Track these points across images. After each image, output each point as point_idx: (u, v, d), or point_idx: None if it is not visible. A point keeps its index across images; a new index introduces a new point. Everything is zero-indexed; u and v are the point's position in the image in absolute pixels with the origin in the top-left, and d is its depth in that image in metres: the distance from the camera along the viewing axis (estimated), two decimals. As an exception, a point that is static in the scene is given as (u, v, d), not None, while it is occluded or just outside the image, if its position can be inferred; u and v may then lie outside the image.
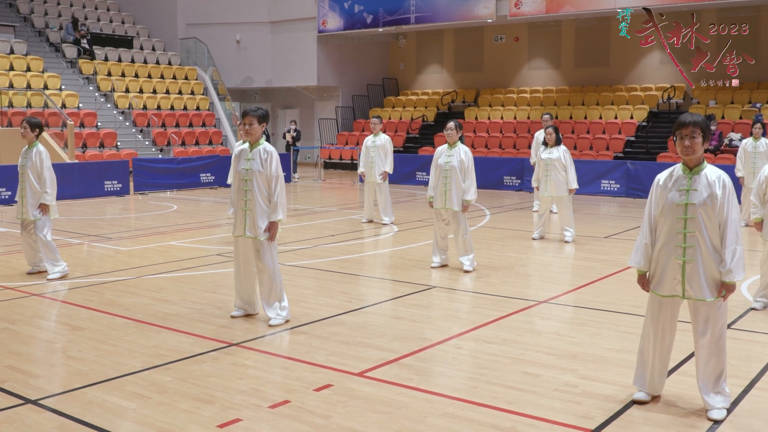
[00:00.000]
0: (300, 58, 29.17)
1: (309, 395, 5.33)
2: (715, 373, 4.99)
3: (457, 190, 9.53)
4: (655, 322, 5.12)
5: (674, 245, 4.97)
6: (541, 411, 5.05)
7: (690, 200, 4.91)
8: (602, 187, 19.56)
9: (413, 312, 7.71)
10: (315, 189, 22.14)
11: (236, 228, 7.20)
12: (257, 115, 7.04)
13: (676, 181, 5.00)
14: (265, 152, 7.03)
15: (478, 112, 27.14)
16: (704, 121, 4.91)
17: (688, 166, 4.98)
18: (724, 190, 4.86)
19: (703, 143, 4.91)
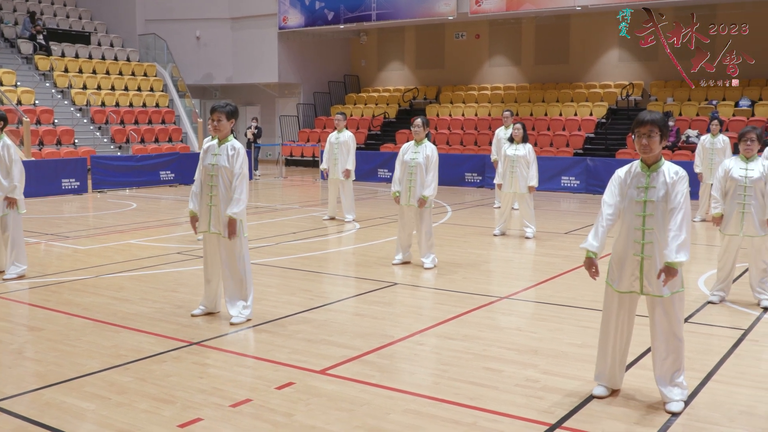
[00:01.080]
0: (261, 55, 29.00)
1: (271, 393, 5.31)
2: (673, 367, 5.06)
3: (422, 187, 9.55)
4: (613, 317, 5.18)
5: (633, 241, 5.03)
6: (503, 406, 5.08)
7: (648, 197, 4.96)
8: (562, 183, 19.74)
9: (375, 309, 7.71)
10: (276, 186, 22.04)
11: (201, 224, 7.15)
12: (225, 111, 6.99)
13: (635, 177, 5.06)
14: (232, 149, 6.98)
15: (439, 109, 27.22)
16: (662, 119, 4.97)
17: (646, 163, 5.03)
18: (681, 181, 4.91)
19: (661, 141, 4.96)
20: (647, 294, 5.03)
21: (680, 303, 5.06)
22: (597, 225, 5.13)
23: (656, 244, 4.96)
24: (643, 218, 4.98)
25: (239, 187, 6.90)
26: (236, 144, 7.03)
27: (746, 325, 7.13)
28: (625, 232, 5.07)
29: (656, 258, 4.96)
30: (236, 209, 6.87)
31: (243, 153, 7.01)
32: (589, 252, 5.11)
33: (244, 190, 6.93)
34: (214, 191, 7.00)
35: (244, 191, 6.93)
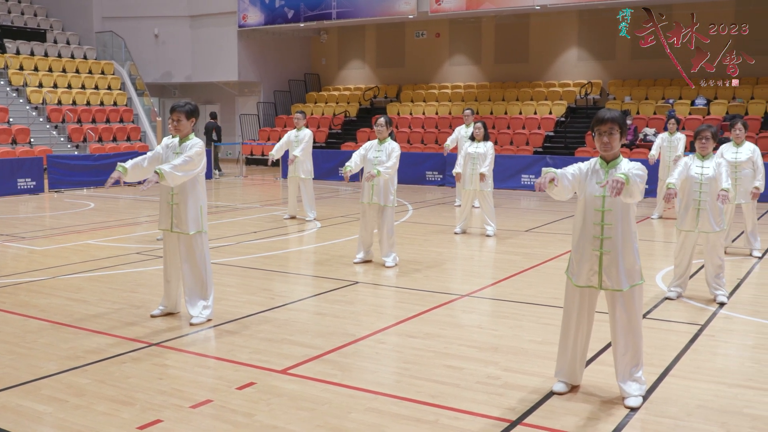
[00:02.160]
0: (220, 53, 28.79)
1: (231, 394, 5.27)
2: (632, 363, 5.13)
3: (385, 187, 9.56)
4: (573, 313, 5.23)
5: (592, 237, 5.08)
6: (464, 404, 5.10)
7: (607, 193, 5.02)
8: (522, 181, 19.88)
9: (337, 308, 7.70)
10: (237, 185, 21.90)
11: (162, 221, 7.08)
12: (185, 111, 6.91)
13: (594, 173, 5.11)
14: (190, 147, 6.90)
15: (400, 107, 27.25)
16: (621, 117, 5.03)
17: (605, 160, 5.09)
18: (638, 168, 4.92)
19: (620, 138, 5.03)
20: (606, 289, 5.09)
21: (639, 297, 5.13)
22: None
23: (615, 240, 5.02)
24: (602, 213, 5.04)
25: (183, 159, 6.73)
26: (197, 142, 6.96)
27: (703, 321, 7.24)
28: (585, 228, 5.12)
29: (615, 253, 5.02)
30: (168, 167, 6.65)
31: (198, 145, 6.90)
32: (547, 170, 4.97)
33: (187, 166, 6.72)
34: (176, 189, 6.93)
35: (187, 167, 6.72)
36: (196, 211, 6.98)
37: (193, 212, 6.96)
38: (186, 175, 6.78)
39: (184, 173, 6.75)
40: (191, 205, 6.95)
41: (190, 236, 6.95)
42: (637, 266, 5.09)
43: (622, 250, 5.02)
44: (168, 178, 6.64)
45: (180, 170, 6.71)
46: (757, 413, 4.98)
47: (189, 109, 6.95)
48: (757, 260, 10.24)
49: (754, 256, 10.42)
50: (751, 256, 10.46)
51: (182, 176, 6.74)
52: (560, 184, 4.98)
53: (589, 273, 5.11)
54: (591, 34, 25.52)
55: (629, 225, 5.05)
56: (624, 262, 5.03)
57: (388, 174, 9.41)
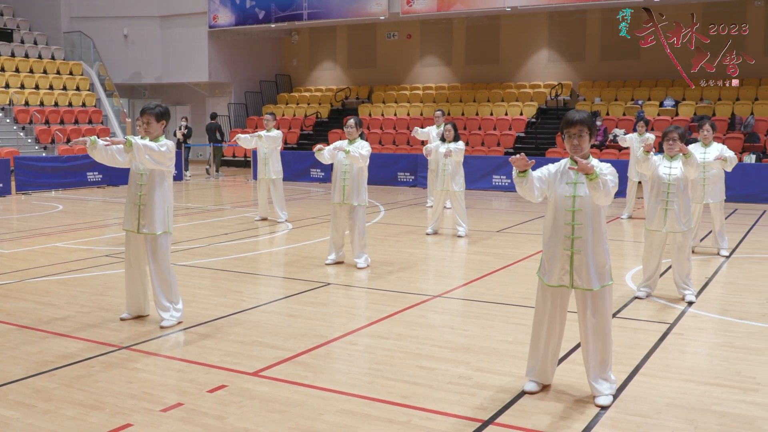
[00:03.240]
0: (191, 54, 28.61)
1: (203, 397, 5.23)
2: (602, 362, 5.16)
3: (356, 186, 9.55)
4: (545, 313, 5.26)
5: (563, 236, 5.11)
6: (436, 404, 5.11)
7: (577, 193, 5.05)
8: (494, 182, 19.97)
9: (308, 309, 7.68)
10: (207, 187, 21.77)
11: (128, 222, 7.00)
12: (155, 113, 6.85)
13: (564, 174, 5.14)
14: (162, 143, 6.84)
15: (371, 108, 27.26)
16: (590, 118, 5.06)
17: (575, 161, 5.12)
18: (609, 171, 4.95)
19: (590, 139, 5.06)
20: (577, 288, 5.12)
21: (609, 297, 5.17)
22: None
23: (586, 239, 5.05)
24: (573, 213, 5.07)
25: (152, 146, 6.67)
26: (167, 143, 6.90)
27: (672, 319, 7.32)
28: (556, 228, 5.15)
29: (586, 252, 5.05)
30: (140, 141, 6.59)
31: (169, 144, 6.85)
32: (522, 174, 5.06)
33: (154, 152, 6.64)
34: (144, 190, 6.87)
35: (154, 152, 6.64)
36: (163, 211, 6.93)
37: (160, 212, 6.90)
38: (152, 161, 6.68)
39: (151, 158, 6.65)
40: (158, 205, 6.90)
41: (157, 236, 6.89)
42: (607, 266, 5.13)
43: (592, 250, 5.05)
44: (135, 149, 6.54)
45: (149, 151, 6.62)
46: (725, 410, 5.04)
47: (159, 112, 6.89)
48: (724, 259, 10.37)
49: (721, 255, 10.55)
50: (719, 255, 10.59)
51: (149, 159, 6.65)
52: (530, 180, 5.02)
53: (560, 273, 5.14)
54: (561, 36, 25.71)
55: (600, 225, 5.08)
56: (595, 262, 5.06)
57: (357, 157, 9.37)
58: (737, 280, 9.28)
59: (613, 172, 4.99)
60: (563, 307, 5.27)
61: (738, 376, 5.74)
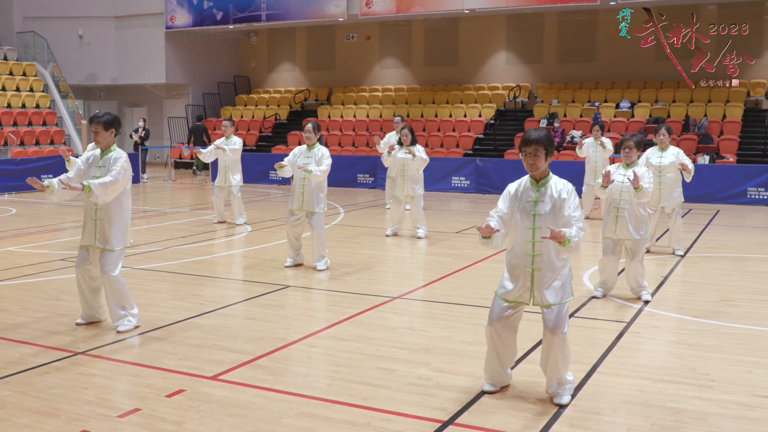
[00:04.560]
0: (147, 55, 28.27)
1: (160, 402, 5.17)
2: (560, 368, 5.18)
3: (315, 194, 9.53)
4: (497, 324, 5.24)
5: (524, 254, 5.14)
6: (396, 405, 5.11)
7: (537, 211, 5.10)
8: (453, 183, 20.05)
9: (268, 312, 7.63)
10: (165, 189, 21.55)
11: (85, 237, 6.88)
12: (102, 122, 6.73)
13: (525, 192, 5.18)
14: (113, 160, 6.73)
15: (330, 110, 27.21)
16: (546, 137, 5.07)
17: (534, 178, 5.16)
18: (570, 194, 5.05)
19: (547, 158, 5.09)
20: (537, 305, 5.14)
21: (567, 309, 5.18)
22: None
23: (545, 256, 5.06)
24: (533, 231, 5.11)
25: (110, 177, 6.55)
26: (118, 154, 6.79)
27: (628, 318, 7.41)
28: (517, 245, 5.18)
29: (545, 269, 5.06)
30: (97, 183, 6.48)
31: (123, 158, 6.75)
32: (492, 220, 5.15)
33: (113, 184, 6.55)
34: (99, 204, 6.76)
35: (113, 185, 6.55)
36: (121, 227, 6.81)
37: (118, 228, 6.79)
38: (114, 194, 6.65)
39: (113, 192, 6.62)
40: (116, 221, 6.78)
41: (108, 251, 6.78)
42: (568, 282, 5.15)
43: (553, 267, 5.06)
44: (96, 194, 6.49)
45: (108, 189, 6.57)
46: (680, 407, 5.12)
47: (107, 120, 6.75)
48: (679, 258, 10.53)
49: (677, 255, 10.71)
50: (674, 254, 10.75)
51: (110, 195, 6.61)
52: (494, 240, 5.09)
53: (521, 290, 5.16)
54: (519, 38, 25.91)
55: None
56: (556, 279, 5.08)
57: (318, 175, 9.36)
58: (692, 279, 9.43)
59: (572, 189, 5.06)
60: (517, 319, 5.28)
61: (693, 373, 5.83)
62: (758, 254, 11.03)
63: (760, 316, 7.53)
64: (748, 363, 6.08)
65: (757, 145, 20.78)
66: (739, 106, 21.79)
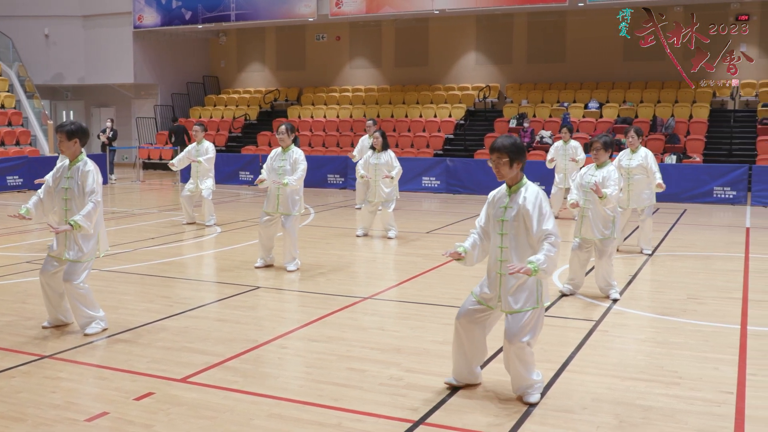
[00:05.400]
0: (115, 55, 28.01)
1: (129, 405, 5.12)
2: (525, 373, 5.19)
3: (291, 195, 9.51)
4: (466, 323, 5.28)
5: (495, 259, 5.18)
6: (367, 406, 5.11)
7: (505, 217, 5.13)
8: (423, 183, 20.09)
9: (238, 313, 7.59)
10: (134, 190, 21.36)
11: (57, 248, 6.77)
12: (65, 132, 6.63)
13: (500, 198, 5.22)
14: (81, 172, 6.65)
15: (300, 110, 27.15)
16: (512, 145, 5.06)
17: (508, 185, 5.19)
18: (534, 207, 5.00)
19: (513, 165, 5.08)
20: (503, 311, 5.16)
21: (534, 321, 5.11)
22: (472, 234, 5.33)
23: (511, 263, 5.04)
24: (501, 237, 5.14)
25: (89, 207, 6.54)
26: (86, 165, 6.70)
27: (597, 317, 7.47)
28: (491, 251, 5.24)
29: (510, 276, 5.04)
30: (78, 218, 6.48)
31: (92, 170, 6.67)
32: (459, 247, 5.27)
33: (93, 212, 6.55)
34: (69, 215, 6.69)
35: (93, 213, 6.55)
36: (93, 237, 6.73)
37: (90, 239, 6.70)
38: (97, 215, 6.64)
39: (96, 214, 6.61)
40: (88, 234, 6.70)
41: (72, 262, 6.69)
42: (535, 291, 5.10)
43: (518, 275, 5.00)
44: (85, 227, 6.53)
45: (93, 216, 6.57)
46: (648, 404, 5.17)
47: (69, 131, 6.66)
48: (647, 257, 10.64)
49: (644, 254, 10.82)
50: (642, 253, 10.86)
51: (95, 219, 6.61)
52: (470, 256, 5.22)
53: (492, 294, 5.19)
54: (489, 39, 26.03)
55: (528, 250, 5.07)
56: (520, 286, 5.07)
57: (294, 185, 9.37)
58: (660, 278, 9.53)
59: (539, 199, 5.03)
60: (484, 321, 5.30)
61: (661, 370, 5.90)
62: (724, 253, 11.18)
63: (726, 314, 7.63)
64: (715, 360, 6.16)
65: (722, 145, 21.07)
66: (705, 106, 22.08)
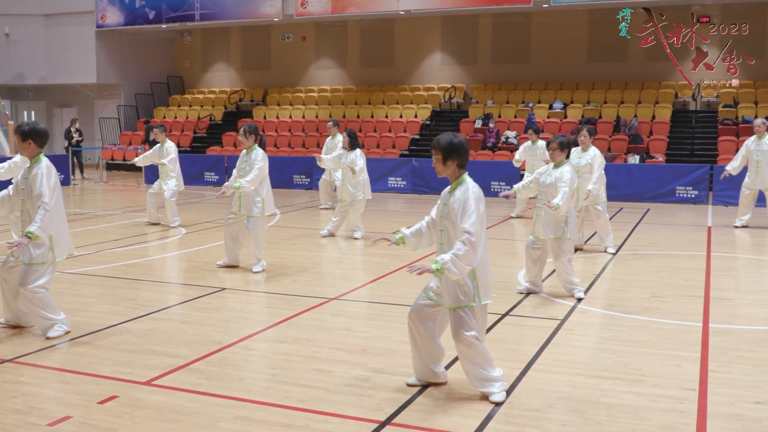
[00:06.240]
0: (78, 54, 27.67)
1: (92, 409, 5.06)
2: (470, 368, 5.22)
3: (251, 196, 9.46)
4: (416, 319, 5.33)
5: (433, 256, 5.23)
6: (334, 407, 5.10)
7: (443, 214, 5.22)
8: (389, 184, 20.10)
9: (203, 315, 7.54)
10: (97, 191, 21.12)
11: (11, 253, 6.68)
12: (19, 133, 6.55)
13: (444, 195, 5.30)
14: (33, 174, 6.54)
15: (266, 111, 27.04)
16: (446, 143, 5.11)
17: (450, 183, 5.25)
18: (460, 204, 5.04)
19: (446, 161, 5.12)
20: (445, 306, 5.21)
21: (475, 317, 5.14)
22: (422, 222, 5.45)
23: None
24: (440, 233, 5.24)
25: (41, 213, 6.41)
26: (38, 167, 6.58)
27: (562, 315, 7.53)
28: (436, 246, 5.30)
29: None
30: (35, 227, 6.36)
31: (42, 173, 6.52)
32: (399, 234, 5.51)
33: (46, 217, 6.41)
34: (24, 217, 6.62)
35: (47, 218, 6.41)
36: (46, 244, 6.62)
37: (42, 245, 6.60)
38: (56, 221, 6.53)
39: (51, 221, 6.47)
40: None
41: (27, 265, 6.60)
42: (470, 289, 5.11)
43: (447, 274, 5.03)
44: (43, 236, 6.43)
45: (50, 223, 6.46)
46: (612, 402, 5.22)
47: (23, 132, 6.56)
48: (611, 256, 10.74)
49: (608, 252, 10.93)
50: (605, 252, 10.97)
51: (52, 226, 6.49)
52: (408, 239, 5.51)
53: (437, 290, 5.25)
54: (454, 39, 26.13)
55: None
56: (454, 284, 5.11)
57: (247, 187, 9.32)
58: (623, 276, 9.64)
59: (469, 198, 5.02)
60: (434, 315, 5.33)
61: (625, 368, 5.96)
62: (687, 251, 11.33)
63: (688, 312, 7.73)
64: (677, 357, 6.24)
65: (684, 145, 21.37)
66: (668, 107, 22.37)
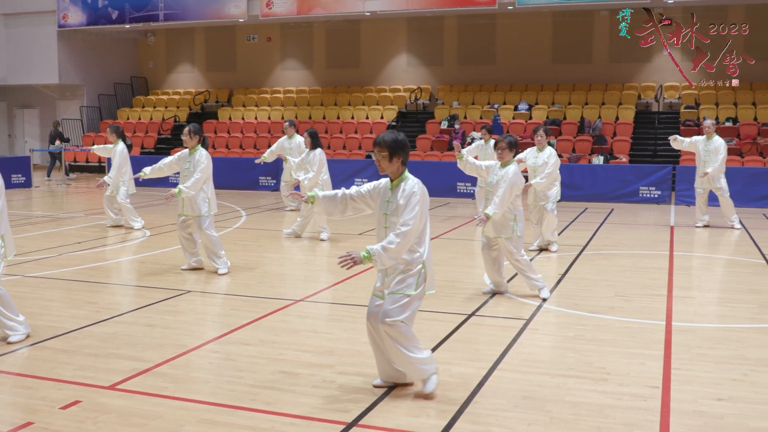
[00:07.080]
0: (39, 54, 27.27)
1: (54, 414, 4.98)
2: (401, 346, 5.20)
3: (194, 199, 9.43)
4: (373, 328, 5.33)
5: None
6: (300, 409, 5.08)
7: (387, 210, 5.23)
8: (356, 185, 20.04)
9: (167, 318, 7.46)
10: (59, 194, 20.83)
11: None
12: None
13: (384, 191, 5.31)
14: None
15: (231, 112, 26.88)
16: (392, 140, 5.16)
17: (391, 179, 5.27)
18: (405, 199, 5.09)
19: (392, 158, 5.16)
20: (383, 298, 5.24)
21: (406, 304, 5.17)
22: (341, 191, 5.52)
23: None
24: (385, 229, 5.24)
25: None
26: None
27: (527, 315, 7.57)
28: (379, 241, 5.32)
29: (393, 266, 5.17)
30: None
31: None
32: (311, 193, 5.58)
33: None
34: None
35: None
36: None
37: None
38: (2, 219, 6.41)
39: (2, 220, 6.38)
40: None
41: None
42: (415, 281, 5.16)
43: (396, 264, 5.13)
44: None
45: None
46: (578, 400, 5.26)
47: None
48: (576, 256, 10.83)
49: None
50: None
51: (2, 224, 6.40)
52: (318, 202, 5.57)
53: (382, 285, 5.29)
54: (420, 41, 26.20)
55: None
56: (398, 273, 5.16)
57: (190, 193, 9.27)
58: (588, 276, 9.71)
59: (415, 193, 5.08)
60: None
61: (589, 367, 6.01)
62: (650, 251, 11.45)
63: (652, 311, 7.82)
64: (642, 356, 6.30)
65: (647, 145, 21.62)
66: (631, 108, 22.62)
